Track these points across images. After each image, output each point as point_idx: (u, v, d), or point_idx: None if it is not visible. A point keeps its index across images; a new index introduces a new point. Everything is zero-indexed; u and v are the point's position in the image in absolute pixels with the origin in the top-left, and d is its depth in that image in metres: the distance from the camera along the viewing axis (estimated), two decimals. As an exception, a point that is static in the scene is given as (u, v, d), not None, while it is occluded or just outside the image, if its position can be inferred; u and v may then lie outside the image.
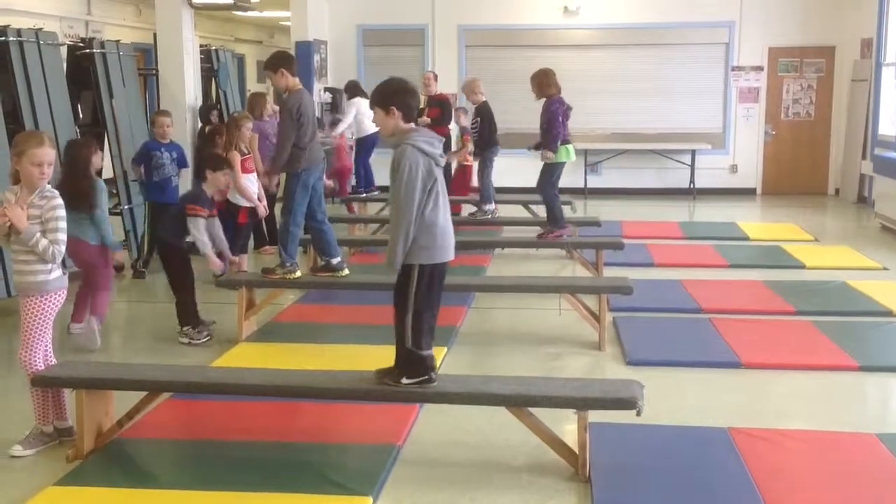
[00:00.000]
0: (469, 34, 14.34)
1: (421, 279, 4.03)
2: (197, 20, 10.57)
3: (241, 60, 19.24)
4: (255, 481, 3.96)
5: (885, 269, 8.61)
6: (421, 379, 4.13)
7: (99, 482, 4.02)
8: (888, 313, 6.87)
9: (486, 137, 9.84)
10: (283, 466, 4.14)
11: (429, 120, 10.65)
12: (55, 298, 4.37)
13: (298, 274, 6.47)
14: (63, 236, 4.31)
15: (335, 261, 6.51)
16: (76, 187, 5.88)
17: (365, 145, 11.64)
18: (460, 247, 8.25)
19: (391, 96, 4.08)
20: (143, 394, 4.43)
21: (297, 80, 6.38)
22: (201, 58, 11.10)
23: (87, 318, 6.17)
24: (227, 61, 12.33)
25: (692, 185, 13.93)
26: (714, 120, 14.26)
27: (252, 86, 19.55)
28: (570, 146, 8.34)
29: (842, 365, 5.67)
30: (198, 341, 6.15)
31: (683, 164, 14.04)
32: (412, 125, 4.12)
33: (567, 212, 9.89)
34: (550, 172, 8.33)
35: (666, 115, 14.13)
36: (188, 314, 6.25)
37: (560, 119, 8.17)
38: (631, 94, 13.81)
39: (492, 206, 9.84)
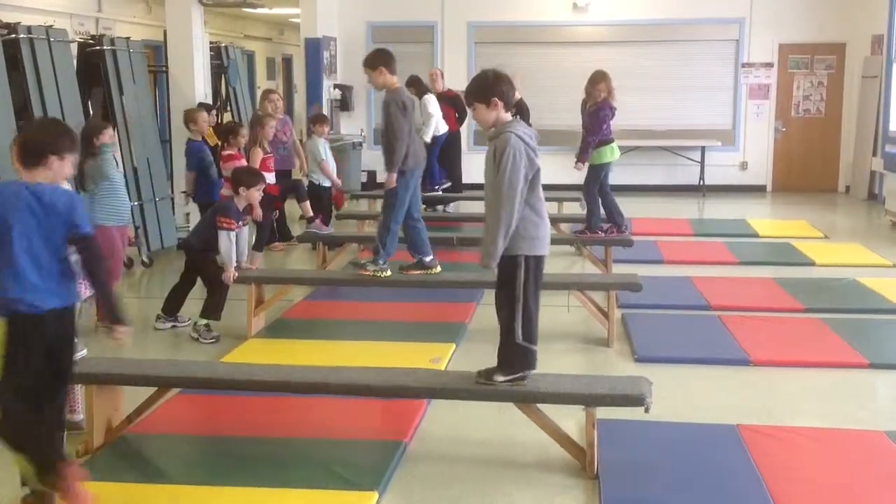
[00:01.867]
0: (478, 31, 14.33)
1: (528, 271, 3.98)
2: (207, 17, 10.60)
3: (250, 57, 19.24)
4: (262, 476, 3.97)
5: (895, 266, 8.57)
6: (516, 376, 4.05)
7: (108, 477, 4.02)
8: (898, 311, 6.85)
9: None
10: (290, 462, 4.15)
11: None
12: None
13: (389, 273, 6.39)
14: None
15: (427, 259, 6.49)
16: (79, 167, 6.05)
17: (436, 144, 11.66)
18: (468, 243, 8.27)
19: (491, 88, 4.03)
20: (152, 389, 4.45)
21: (395, 78, 6.29)
22: (211, 55, 11.14)
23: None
24: (236, 58, 12.36)
25: (702, 182, 13.89)
26: (724, 117, 14.22)
27: (262, 83, 19.55)
28: (614, 145, 8.33)
29: (851, 362, 5.65)
30: (205, 340, 6.17)
31: (693, 160, 14.00)
32: (510, 116, 4.07)
33: (576, 209, 9.90)
34: (596, 174, 8.28)
35: (676, 111, 14.10)
36: (215, 308, 6.26)
37: (603, 126, 8.16)
38: (641, 91, 13.78)
39: None
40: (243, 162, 7.81)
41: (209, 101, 10.24)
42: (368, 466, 4.06)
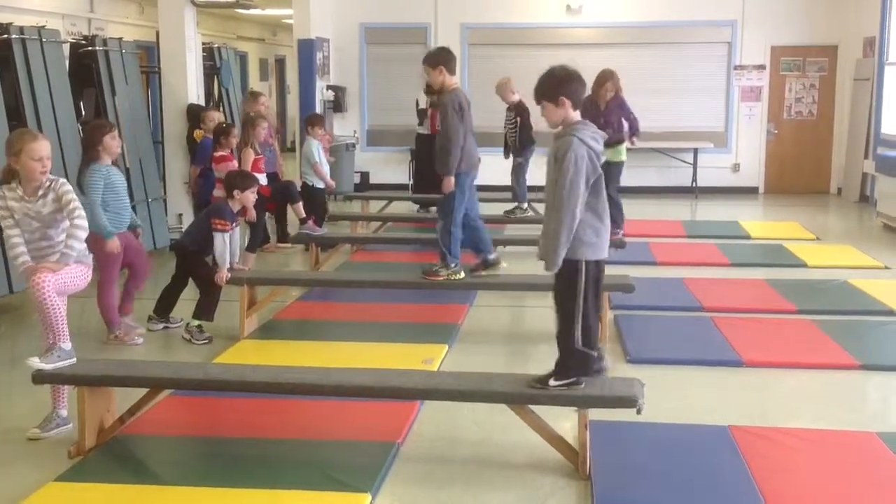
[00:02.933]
0: (472, 33, 14.34)
1: (588, 275, 3.97)
2: (199, 18, 10.57)
3: (243, 58, 19.21)
4: (255, 478, 3.97)
5: (886, 268, 8.61)
6: (570, 381, 4.01)
7: (100, 478, 4.02)
8: (889, 312, 6.87)
9: (523, 137, 9.91)
10: (282, 463, 4.14)
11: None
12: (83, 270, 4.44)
13: (462, 275, 6.36)
14: (80, 212, 4.37)
15: (492, 257, 6.46)
16: (79, 170, 6.01)
17: None
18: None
19: (559, 86, 4.01)
20: (144, 390, 4.44)
21: (455, 79, 6.26)
22: (203, 55, 11.10)
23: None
24: (229, 59, 12.34)
25: (694, 184, 13.92)
26: (716, 119, 14.25)
27: (254, 84, 19.54)
28: (625, 145, 8.45)
29: (843, 364, 5.67)
30: (197, 342, 6.16)
31: (686, 162, 14.03)
32: (579, 116, 4.04)
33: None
34: (618, 172, 8.34)
35: (668, 113, 14.10)
36: (209, 308, 6.25)
37: (631, 115, 8.32)
38: (633, 93, 13.61)
39: (526, 205, 10.01)
40: (235, 163, 7.81)
41: (202, 101, 10.22)
42: (361, 468, 4.06)
